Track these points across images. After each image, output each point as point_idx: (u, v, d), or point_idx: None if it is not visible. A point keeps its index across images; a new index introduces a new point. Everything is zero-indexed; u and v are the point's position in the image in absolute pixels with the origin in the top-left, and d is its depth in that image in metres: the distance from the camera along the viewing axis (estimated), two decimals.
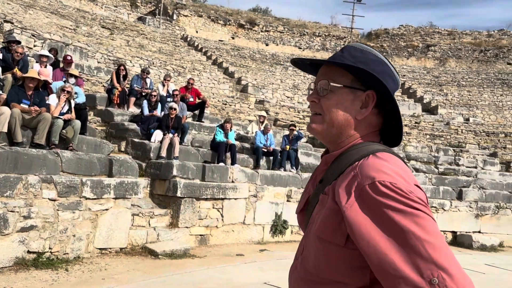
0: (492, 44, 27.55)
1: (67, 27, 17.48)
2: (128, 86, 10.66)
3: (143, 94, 10.35)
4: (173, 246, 7.02)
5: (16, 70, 7.78)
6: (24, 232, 5.53)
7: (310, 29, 28.56)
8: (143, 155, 8.41)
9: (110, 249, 6.64)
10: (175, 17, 25.38)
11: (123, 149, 8.78)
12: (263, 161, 9.91)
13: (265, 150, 9.96)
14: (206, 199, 7.88)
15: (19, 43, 8.67)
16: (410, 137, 15.97)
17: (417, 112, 19.80)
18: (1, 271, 5.25)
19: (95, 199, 6.46)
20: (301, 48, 27.40)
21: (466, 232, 10.75)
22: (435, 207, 10.76)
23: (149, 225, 7.25)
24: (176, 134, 8.64)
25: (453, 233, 10.82)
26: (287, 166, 10.08)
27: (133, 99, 10.25)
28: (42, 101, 6.94)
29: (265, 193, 8.90)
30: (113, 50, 16.59)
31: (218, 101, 15.47)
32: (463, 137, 16.92)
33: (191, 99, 11.01)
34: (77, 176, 6.48)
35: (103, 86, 11.79)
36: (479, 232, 10.85)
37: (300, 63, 1.26)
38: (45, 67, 8.58)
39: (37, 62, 8.79)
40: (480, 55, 26.91)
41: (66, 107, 7.34)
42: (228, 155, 9.17)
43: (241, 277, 5.95)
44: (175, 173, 7.65)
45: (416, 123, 17.69)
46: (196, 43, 22.55)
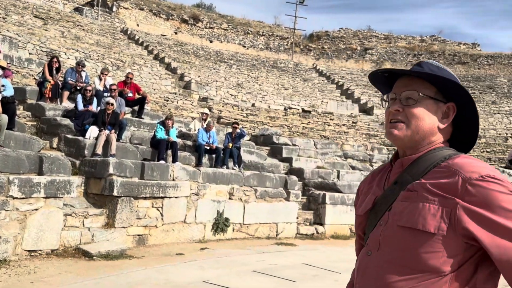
0: (424, 48, 29.28)
1: None
2: (61, 79, 10.12)
3: (78, 88, 9.89)
4: (109, 247, 6.78)
5: None
6: None
7: (254, 28, 28.73)
8: (77, 152, 8.03)
9: (40, 251, 6.28)
10: (114, 9, 24.45)
11: (55, 146, 8.32)
12: (205, 159, 9.83)
13: (208, 147, 9.89)
14: (145, 198, 7.67)
15: None
16: (347, 136, 16.58)
17: (354, 112, 20.60)
18: None
19: (23, 198, 6.08)
20: (245, 46, 27.48)
21: None
22: None
23: (83, 225, 6.94)
24: (113, 130, 8.33)
25: None
26: (230, 164, 10.07)
27: (66, 93, 9.76)
28: None
29: (207, 191, 8.84)
30: (47, 41, 15.67)
31: (159, 97, 15.12)
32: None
33: (130, 95, 10.66)
34: (3, 174, 6.05)
35: (35, 78, 11.10)
36: None
37: (377, 75, 1.35)
38: None
39: None
40: (413, 59, 28.47)
41: None
42: (169, 152, 8.99)
43: (180, 277, 5.86)
44: (111, 171, 7.37)
45: (353, 123, 18.40)
46: (136, 37, 21.88)
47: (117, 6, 24.45)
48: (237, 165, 10.10)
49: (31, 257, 6.14)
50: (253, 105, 18.12)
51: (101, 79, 10.50)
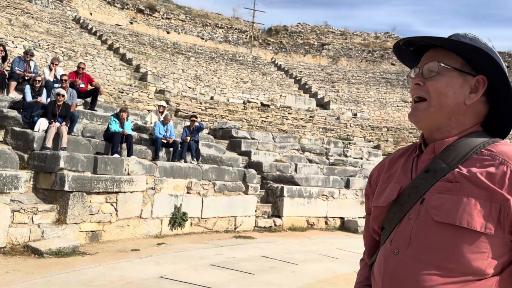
0: (378, 45, 30.12)
1: None
2: (8, 69, 9.58)
3: (26, 78, 9.41)
4: (60, 243, 6.53)
5: None
6: None
7: (212, 20, 28.43)
8: (25, 146, 7.65)
9: None
10: None
11: (1, 139, 7.88)
12: (162, 153, 9.65)
13: (165, 141, 9.70)
14: (98, 193, 7.43)
15: None
16: (305, 130, 16.82)
17: (312, 106, 20.92)
18: None
19: None
20: (203, 38, 27.15)
21: (352, 218, 11.66)
22: (326, 195, 11.49)
23: (33, 222, 6.64)
24: (64, 123, 7.99)
25: (341, 219, 11.66)
26: (188, 157, 9.94)
27: (14, 84, 9.26)
28: None
29: (164, 186, 8.68)
30: None
31: (113, 88, 14.66)
32: (351, 131, 18.30)
33: (82, 86, 10.26)
34: None
35: None
36: (364, 217, 11.83)
37: (402, 50, 1.19)
38: None
39: None
40: (368, 55, 29.25)
41: None
42: (124, 146, 8.75)
43: (136, 273, 5.73)
44: (62, 165, 7.08)
45: (310, 117, 18.68)
46: (89, 26, 21.07)
47: None
48: (195, 159, 9.98)
49: None
50: (211, 98, 17.98)
51: (51, 69, 10.05)
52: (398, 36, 31.51)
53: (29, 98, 8.55)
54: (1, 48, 9.45)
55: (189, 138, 10.05)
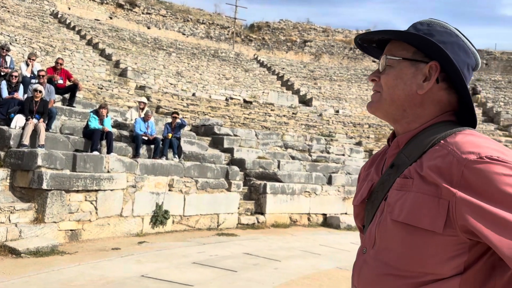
0: None
1: None
2: None
3: (2, 73, 9.15)
4: (38, 243, 6.39)
5: None
6: None
7: (194, 16, 28.19)
8: (2, 143, 7.46)
9: None
10: None
11: None
12: (143, 150, 9.52)
13: (146, 138, 9.57)
14: (77, 191, 7.28)
15: None
16: (288, 127, 16.84)
17: (294, 103, 20.97)
18: None
19: None
20: (185, 34, 26.90)
21: (335, 214, 11.74)
22: (309, 192, 11.54)
23: (10, 221, 6.48)
24: (41, 119, 7.81)
25: (324, 215, 11.72)
26: (170, 155, 9.83)
27: None
28: None
29: (145, 183, 8.56)
30: None
31: (92, 84, 14.40)
32: (333, 127, 18.41)
33: (60, 81, 10.04)
34: None
35: None
36: (346, 213, 11.94)
37: (367, 47, 1.16)
38: None
39: None
40: (350, 52, 29.47)
41: None
42: (103, 143, 8.60)
43: (117, 272, 5.64)
44: (40, 163, 6.91)
45: (293, 113, 18.72)
46: (68, 21, 20.63)
47: None
48: (177, 156, 9.88)
49: None
50: (193, 94, 17.83)
51: (28, 65, 9.80)
52: None
53: (5, 94, 8.34)
54: None
55: (170, 135, 9.94)
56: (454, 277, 0.93)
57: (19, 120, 7.77)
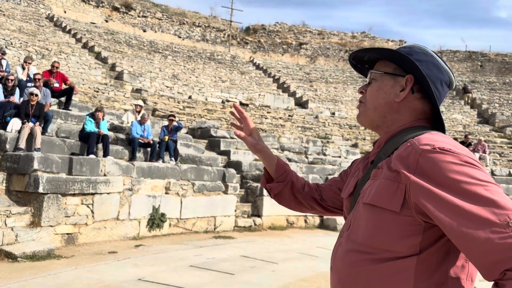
0: (355, 45, 30.48)
1: None
2: None
3: None
4: (35, 247, 6.36)
5: None
6: None
7: (190, 19, 28.21)
8: None
9: None
10: None
11: None
12: (140, 153, 9.51)
13: (142, 141, 9.56)
14: (73, 195, 7.27)
15: None
16: (284, 129, 16.87)
17: (290, 106, 21.00)
18: None
19: None
20: (180, 37, 26.90)
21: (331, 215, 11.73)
22: None
23: (6, 225, 6.46)
24: (37, 123, 7.79)
25: (321, 217, 11.73)
26: (166, 157, 9.82)
27: None
28: None
29: (141, 186, 8.55)
30: None
31: (88, 88, 14.38)
32: (329, 129, 18.45)
33: (56, 85, 10.02)
34: None
35: None
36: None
37: (361, 68, 1.34)
38: None
39: None
40: (345, 54, 29.55)
41: None
42: (100, 146, 8.58)
43: (113, 275, 5.63)
44: (36, 166, 6.89)
45: (289, 116, 18.75)
46: (64, 24, 20.60)
47: None
48: (173, 159, 9.88)
49: None
50: (190, 97, 17.83)
51: (24, 68, 9.79)
52: (374, 36, 31.97)
53: (1, 97, 8.32)
54: None
55: (167, 137, 9.94)
56: (411, 257, 1.04)
57: (15, 123, 7.75)
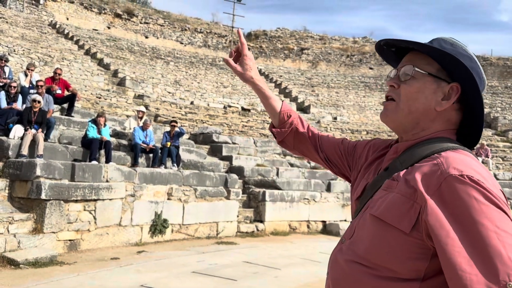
0: (357, 50, 30.52)
1: None
2: None
3: (1, 84, 9.17)
4: (37, 253, 6.36)
5: None
6: None
7: (191, 25, 28.33)
8: (0, 154, 7.45)
9: None
10: (42, 1, 22.96)
11: None
12: (142, 159, 9.52)
13: (144, 147, 9.57)
14: (76, 201, 7.27)
15: None
16: None
17: None
18: None
19: None
20: (182, 43, 27.01)
21: (334, 221, 11.72)
22: (308, 199, 11.53)
23: (8, 231, 6.45)
24: (40, 129, 7.81)
25: (323, 222, 11.71)
26: (168, 163, 9.83)
27: None
28: None
29: (144, 192, 8.55)
30: None
31: (91, 94, 14.42)
32: (331, 134, 18.43)
33: (59, 91, 10.06)
34: None
35: None
36: (345, 220, 11.92)
37: (384, 50, 1.21)
38: None
39: None
40: (347, 59, 29.60)
41: None
42: (102, 152, 8.59)
43: (116, 282, 5.61)
44: (38, 173, 6.91)
45: None
46: (66, 31, 20.72)
47: None
48: (175, 165, 9.88)
49: None
50: (192, 103, 17.86)
51: (26, 75, 9.83)
52: (375, 40, 31.95)
53: (4, 104, 8.35)
54: None
55: (169, 143, 9.95)
56: (413, 281, 0.96)
57: (17, 130, 7.77)
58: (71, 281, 5.54)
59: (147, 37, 25.60)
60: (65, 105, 10.36)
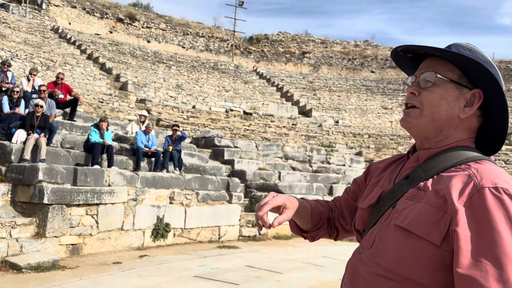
0: (358, 53, 30.55)
1: None
2: None
3: (3, 89, 9.21)
4: (39, 258, 6.35)
5: None
6: None
7: (193, 29, 28.41)
8: (3, 158, 7.47)
9: None
10: (44, 6, 23.08)
11: None
12: (144, 163, 9.53)
13: (146, 151, 9.58)
14: (78, 205, 7.27)
15: None
16: (288, 138, 16.86)
17: (294, 114, 21.02)
18: None
19: None
20: (184, 47, 27.09)
21: None
22: None
23: (11, 236, 6.46)
24: (42, 134, 7.83)
25: None
26: (170, 167, 9.83)
27: None
28: None
29: (146, 196, 8.55)
30: None
31: (93, 98, 14.47)
32: (333, 138, 18.43)
33: (61, 96, 10.10)
34: None
35: None
36: None
37: (400, 56, 1.18)
38: None
39: None
40: (348, 63, 29.62)
41: None
42: (104, 157, 8.61)
43: (118, 286, 5.61)
44: (41, 177, 6.92)
45: (293, 124, 18.76)
46: (68, 36, 20.80)
47: (47, 3, 23.12)
48: (177, 169, 9.88)
49: None
50: (193, 107, 17.89)
51: (29, 80, 9.86)
52: (377, 44, 32.04)
53: (6, 109, 8.38)
54: None
55: (171, 147, 9.96)
56: None
57: (20, 135, 7.80)
58: (73, 286, 5.53)
59: (149, 42, 25.69)
60: (68, 110, 10.39)
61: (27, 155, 7.42)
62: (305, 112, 21.81)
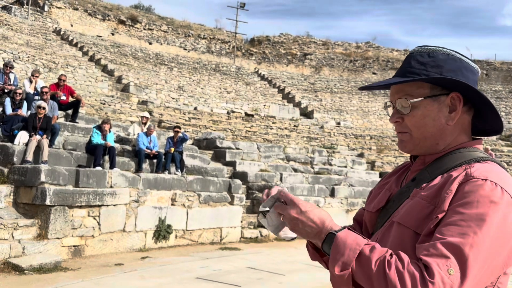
0: (360, 55, 30.55)
1: None
2: None
3: (6, 90, 9.24)
4: (41, 259, 6.37)
5: None
6: None
7: (195, 31, 28.46)
8: (5, 160, 7.48)
9: None
10: (46, 8, 23.14)
11: None
12: (146, 164, 9.54)
13: (148, 153, 9.59)
14: (80, 207, 7.29)
15: None
16: (289, 140, 16.86)
17: (296, 116, 21.02)
18: None
19: None
20: (186, 49, 27.13)
21: None
22: None
23: (13, 237, 6.48)
24: (44, 135, 7.85)
25: None
26: (172, 169, 9.84)
27: None
28: None
29: (147, 198, 8.57)
30: None
31: (95, 100, 14.49)
32: (335, 139, 18.42)
33: (63, 98, 10.12)
34: None
35: None
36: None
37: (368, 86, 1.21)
38: None
39: None
40: (350, 64, 29.62)
41: None
42: (106, 158, 8.62)
43: None
44: (43, 179, 6.93)
45: (294, 126, 18.76)
46: (70, 38, 20.86)
47: (49, 5, 23.18)
48: (179, 170, 9.89)
49: None
50: (195, 108, 17.91)
51: (31, 82, 9.90)
52: (379, 45, 32.03)
53: (9, 111, 8.41)
54: None
55: (173, 149, 9.97)
56: None
57: (22, 136, 7.82)
58: (75, 287, 5.54)
59: (150, 43, 25.73)
60: (70, 111, 10.42)
61: (29, 157, 7.44)
62: (306, 113, 21.80)
